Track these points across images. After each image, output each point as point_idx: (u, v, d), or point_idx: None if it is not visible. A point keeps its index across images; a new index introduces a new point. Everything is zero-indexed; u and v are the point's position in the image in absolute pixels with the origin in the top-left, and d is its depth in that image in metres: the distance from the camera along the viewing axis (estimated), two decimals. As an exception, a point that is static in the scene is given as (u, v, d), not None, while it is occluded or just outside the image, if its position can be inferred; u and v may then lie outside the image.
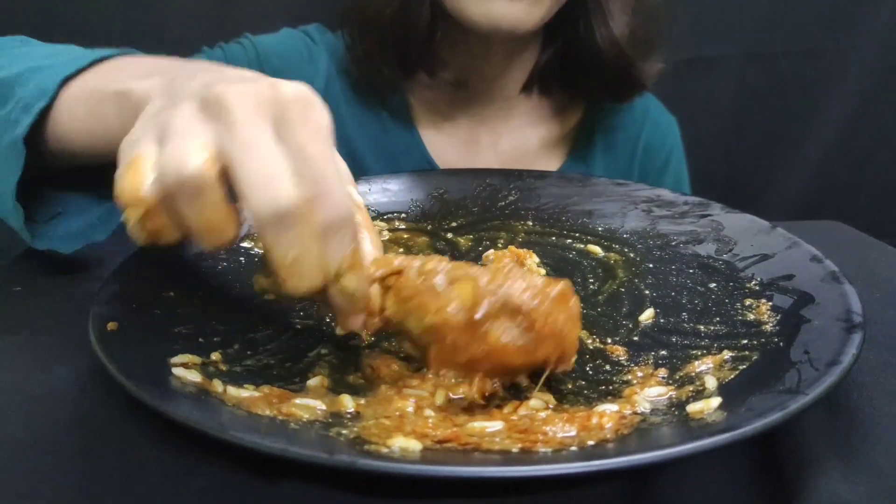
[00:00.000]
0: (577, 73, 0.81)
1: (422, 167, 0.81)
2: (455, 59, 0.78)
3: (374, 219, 0.62)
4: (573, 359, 0.38)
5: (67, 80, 0.47)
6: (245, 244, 0.57)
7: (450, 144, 0.84)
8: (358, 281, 0.37)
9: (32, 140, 0.47)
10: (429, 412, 0.37)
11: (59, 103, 0.47)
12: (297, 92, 0.35)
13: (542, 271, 0.55)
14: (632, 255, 0.58)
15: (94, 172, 0.50)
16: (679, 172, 0.91)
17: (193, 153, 0.33)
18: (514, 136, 0.85)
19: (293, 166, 0.33)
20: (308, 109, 0.35)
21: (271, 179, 0.32)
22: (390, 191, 0.66)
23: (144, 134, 0.35)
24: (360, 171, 0.75)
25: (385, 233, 0.61)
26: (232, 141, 0.33)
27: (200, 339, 0.44)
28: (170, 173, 0.33)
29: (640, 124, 0.87)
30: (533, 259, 0.55)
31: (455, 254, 0.58)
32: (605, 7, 0.75)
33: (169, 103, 0.36)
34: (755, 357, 0.42)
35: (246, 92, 0.34)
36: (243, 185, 0.33)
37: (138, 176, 0.34)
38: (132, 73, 0.45)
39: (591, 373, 0.42)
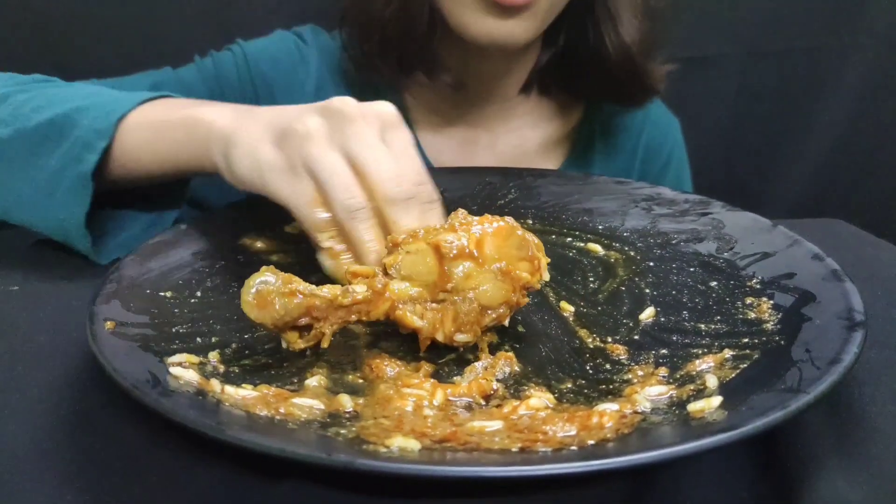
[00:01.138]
0: (581, 76, 0.80)
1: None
2: (453, 61, 0.78)
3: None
4: (544, 271, 0.44)
5: (122, 118, 0.54)
6: (240, 242, 0.57)
7: (447, 146, 0.84)
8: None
9: (95, 174, 0.53)
10: (428, 412, 0.37)
11: (120, 136, 0.54)
12: (389, 108, 0.47)
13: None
14: (632, 253, 0.58)
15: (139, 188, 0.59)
16: (680, 174, 0.90)
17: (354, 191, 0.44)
18: (512, 137, 0.85)
19: (401, 165, 0.45)
20: (400, 121, 0.47)
21: (398, 176, 0.44)
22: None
23: (293, 169, 0.46)
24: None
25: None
26: (358, 145, 0.45)
27: (198, 339, 0.44)
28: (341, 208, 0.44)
29: (641, 125, 0.87)
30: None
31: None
32: (616, 14, 0.75)
33: (290, 132, 0.46)
34: (756, 356, 0.41)
35: (357, 104, 0.46)
36: (374, 179, 0.44)
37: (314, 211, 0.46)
38: (191, 104, 0.56)
39: (591, 372, 0.42)
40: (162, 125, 0.54)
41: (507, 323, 0.44)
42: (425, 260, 0.42)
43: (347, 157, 0.45)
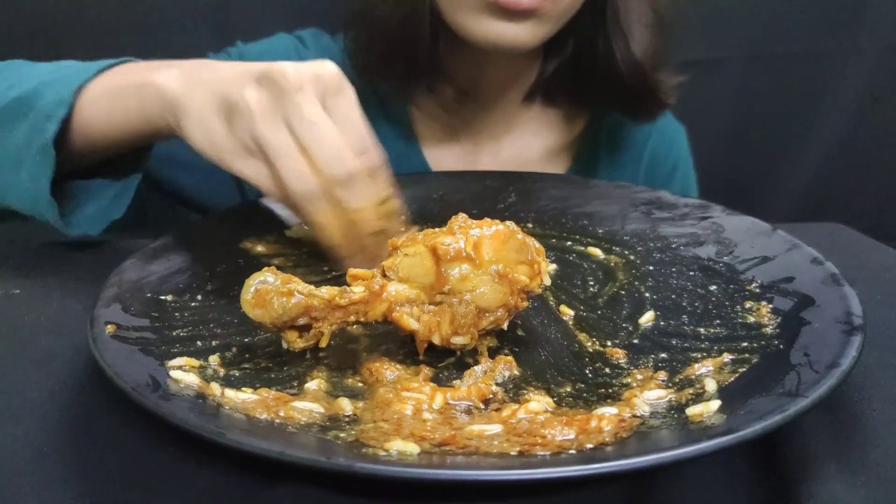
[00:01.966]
0: (589, 87, 0.80)
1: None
2: (457, 69, 0.78)
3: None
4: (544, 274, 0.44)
5: (81, 88, 0.54)
6: (242, 245, 0.57)
7: (450, 153, 0.83)
8: (398, 202, 0.50)
9: (58, 144, 0.53)
10: (427, 415, 0.37)
11: (80, 106, 0.54)
12: (330, 69, 0.47)
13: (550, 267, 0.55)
14: (632, 257, 0.58)
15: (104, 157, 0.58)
16: (686, 183, 0.89)
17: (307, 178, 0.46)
18: (515, 146, 0.85)
19: (344, 134, 0.46)
20: (341, 82, 0.48)
21: (339, 152, 0.46)
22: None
23: (242, 150, 0.47)
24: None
25: (385, 235, 0.61)
26: (301, 123, 0.45)
27: (199, 343, 0.44)
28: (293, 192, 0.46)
29: (647, 134, 0.86)
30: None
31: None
32: (628, 29, 0.73)
33: (226, 103, 0.47)
34: (755, 360, 0.41)
35: (296, 71, 0.46)
36: (319, 160, 0.46)
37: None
38: (145, 69, 0.54)
39: (590, 376, 0.42)
40: (118, 92, 0.54)
41: (506, 326, 0.44)
42: (423, 262, 0.42)
43: (293, 134, 0.46)
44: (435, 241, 0.42)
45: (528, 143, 0.85)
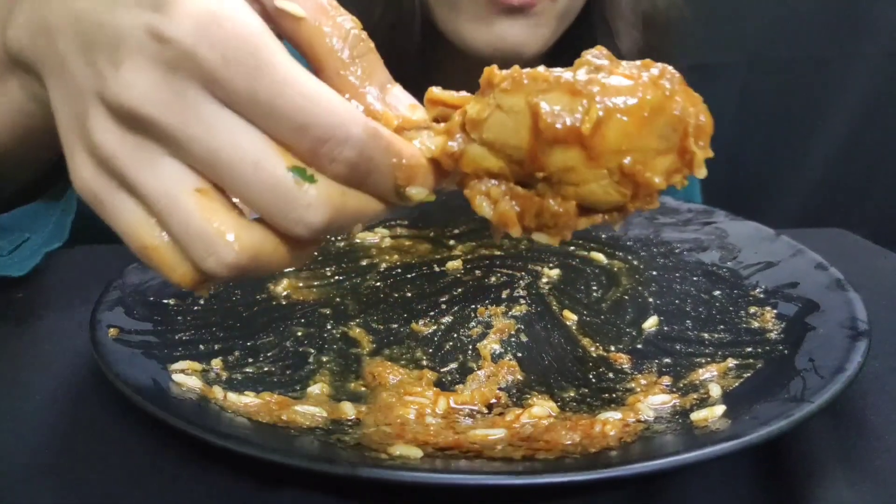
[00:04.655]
0: None
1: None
2: (449, 81, 0.77)
3: (374, 227, 0.62)
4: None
5: None
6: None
7: None
8: (424, 178, 0.30)
9: None
10: (430, 420, 0.37)
11: None
12: (193, 29, 0.26)
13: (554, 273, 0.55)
14: (635, 262, 0.57)
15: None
16: (689, 188, 0.89)
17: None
18: None
19: (276, 140, 0.27)
20: (224, 43, 0.26)
21: (276, 189, 0.27)
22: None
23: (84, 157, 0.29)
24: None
25: (387, 239, 0.61)
26: (189, 153, 0.27)
27: (201, 346, 0.44)
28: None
29: None
30: None
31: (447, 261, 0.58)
32: (612, 25, 0.72)
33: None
34: (760, 365, 0.41)
35: (145, 82, 0.26)
36: (250, 205, 0.28)
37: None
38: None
39: (594, 381, 0.42)
40: None
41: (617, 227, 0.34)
42: (518, 125, 0.28)
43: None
44: (537, 100, 0.28)
45: None
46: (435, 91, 0.32)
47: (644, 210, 0.30)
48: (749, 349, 0.43)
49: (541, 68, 0.28)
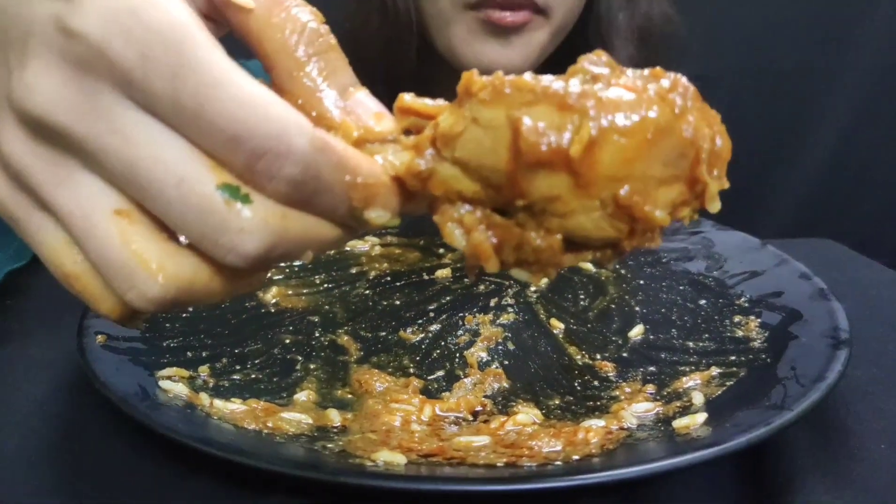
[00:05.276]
0: None
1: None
2: (444, 95, 0.77)
3: (364, 234, 0.62)
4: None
5: None
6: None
7: None
8: (385, 200, 0.25)
9: None
10: (416, 427, 0.37)
11: None
12: (105, 21, 0.22)
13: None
14: (623, 271, 0.58)
15: None
16: None
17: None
18: None
19: (216, 158, 0.23)
20: (142, 37, 0.22)
21: (203, 210, 0.23)
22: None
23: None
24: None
25: (377, 248, 0.61)
26: (105, 168, 0.23)
27: (188, 353, 0.44)
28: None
29: None
30: None
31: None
32: (608, 40, 0.72)
33: None
34: (742, 373, 0.42)
35: (52, 84, 0.23)
36: (175, 230, 0.24)
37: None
38: None
39: (579, 388, 0.42)
40: None
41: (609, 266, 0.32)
42: (496, 142, 0.24)
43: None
44: (519, 115, 0.23)
45: None
46: (406, 98, 0.27)
47: (642, 247, 0.27)
48: (733, 358, 0.44)
49: (527, 76, 0.24)
